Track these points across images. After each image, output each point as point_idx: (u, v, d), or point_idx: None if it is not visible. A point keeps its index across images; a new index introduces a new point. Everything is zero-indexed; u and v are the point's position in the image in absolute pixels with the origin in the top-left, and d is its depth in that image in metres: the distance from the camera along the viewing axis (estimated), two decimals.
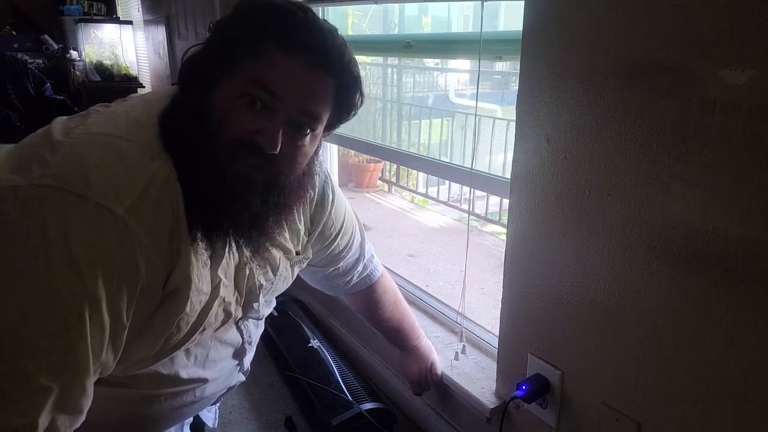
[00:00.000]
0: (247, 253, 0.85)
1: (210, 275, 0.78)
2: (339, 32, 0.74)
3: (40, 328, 0.61)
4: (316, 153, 0.81)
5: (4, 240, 0.61)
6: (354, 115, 0.81)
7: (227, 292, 0.83)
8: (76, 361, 0.64)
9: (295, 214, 0.90)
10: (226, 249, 0.79)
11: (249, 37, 0.69)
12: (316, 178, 0.90)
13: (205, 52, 0.73)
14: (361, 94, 0.78)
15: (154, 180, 0.67)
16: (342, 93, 0.75)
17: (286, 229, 0.91)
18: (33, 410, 0.61)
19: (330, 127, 0.80)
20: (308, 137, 0.75)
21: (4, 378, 0.60)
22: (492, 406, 1.19)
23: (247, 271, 0.86)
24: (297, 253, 0.97)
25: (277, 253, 0.91)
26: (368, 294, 1.25)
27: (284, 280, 0.97)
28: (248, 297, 0.89)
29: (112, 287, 0.64)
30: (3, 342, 0.60)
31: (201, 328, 0.81)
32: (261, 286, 0.90)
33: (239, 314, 0.90)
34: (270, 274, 0.92)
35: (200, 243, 0.74)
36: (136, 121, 0.71)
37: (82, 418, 0.67)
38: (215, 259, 0.79)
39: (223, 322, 0.88)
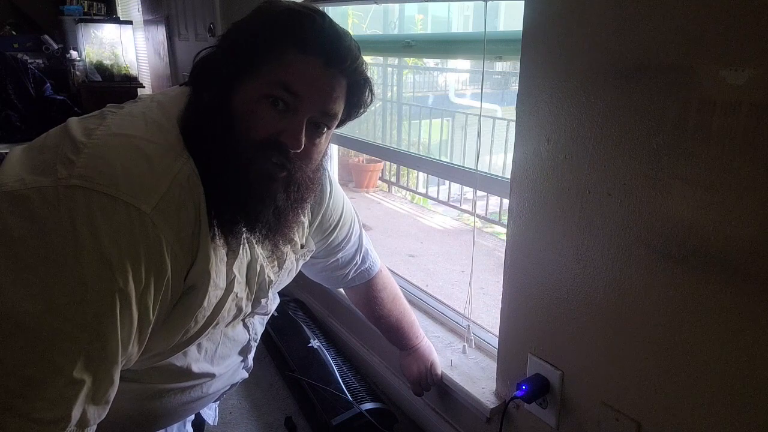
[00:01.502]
0: (260, 249, 0.87)
1: (225, 271, 0.80)
2: (352, 36, 0.77)
3: (72, 323, 0.62)
4: (326, 148, 0.85)
5: (34, 239, 0.62)
6: (363, 112, 0.85)
7: (240, 288, 0.85)
8: (106, 354, 0.65)
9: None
10: (241, 246, 0.82)
11: (269, 40, 0.71)
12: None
13: (221, 55, 0.75)
14: (371, 92, 0.82)
15: (177, 179, 0.69)
16: (353, 92, 0.79)
17: None
18: (67, 403, 0.62)
19: (341, 123, 0.84)
20: (324, 135, 0.78)
21: (38, 372, 0.61)
22: (492, 406, 1.19)
23: (258, 268, 0.88)
24: (301, 246, 0.99)
25: (284, 247, 0.94)
26: (367, 289, 1.26)
27: (289, 273, 0.99)
28: (258, 293, 0.91)
29: (141, 282, 0.66)
30: (37, 337, 0.61)
31: (215, 323, 0.83)
32: (270, 281, 0.92)
33: (248, 310, 0.92)
34: (277, 268, 0.94)
35: (219, 240, 0.76)
36: (155, 122, 0.73)
37: (108, 408, 0.68)
38: (231, 256, 0.81)
39: (234, 317, 0.89)
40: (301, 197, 0.80)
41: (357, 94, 0.79)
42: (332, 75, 0.74)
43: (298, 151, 0.73)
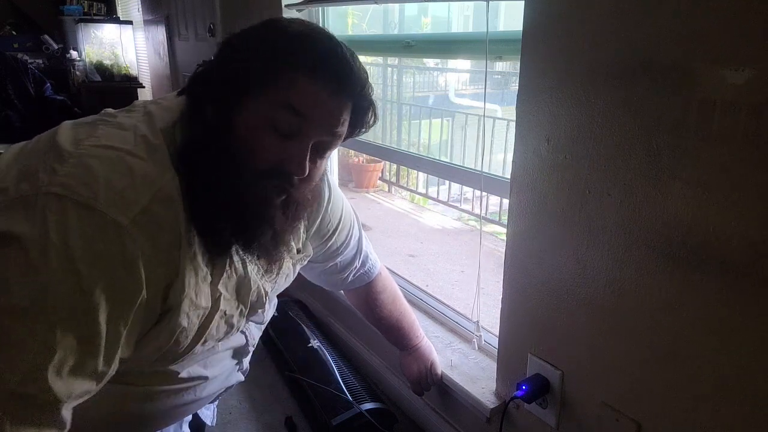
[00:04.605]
0: (253, 266, 0.86)
1: (210, 290, 0.79)
2: (357, 56, 0.76)
3: (44, 329, 0.61)
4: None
5: (12, 248, 0.61)
6: (365, 132, 0.84)
7: (229, 305, 0.83)
8: (65, 368, 0.62)
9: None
10: (227, 264, 0.80)
11: (277, 62, 0.70)
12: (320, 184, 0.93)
13: (222, 72, 0.73)
14: (374, 114, 0.81)
15: (159, 195, 0.68)
16: (357, 113, 0.78)
17: None
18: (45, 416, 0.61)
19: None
20: (326, 156, 0.78)
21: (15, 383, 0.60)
22: (492, 406, 1.19)
23: (253, 285, 0.86)
24: (298, 251, 0.98)
25: (281, 259, 0.92)
26: (367, 291, 1.26)
27: (286, 278, 0.98)
28: (255, 305, 0.90)
29: (111, 295, 0.64)
30: (4, 342, 0.60)
31: (202, 340, 0.82)
32: (266, 293, 0.91)
33: (242, 325, 0.91)
34: (274, 276, 0.93)
35: (201, 259, 0.75)
36: (143, 137, 0.72)
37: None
38: (216, 274, 0.79)
39: (226, 333, 0.88)
40: (298, 215, 0.81)
41: (360, 115, 0.79)
42: (338, 97, 0.73)
43: (303, 177, 0.73)
